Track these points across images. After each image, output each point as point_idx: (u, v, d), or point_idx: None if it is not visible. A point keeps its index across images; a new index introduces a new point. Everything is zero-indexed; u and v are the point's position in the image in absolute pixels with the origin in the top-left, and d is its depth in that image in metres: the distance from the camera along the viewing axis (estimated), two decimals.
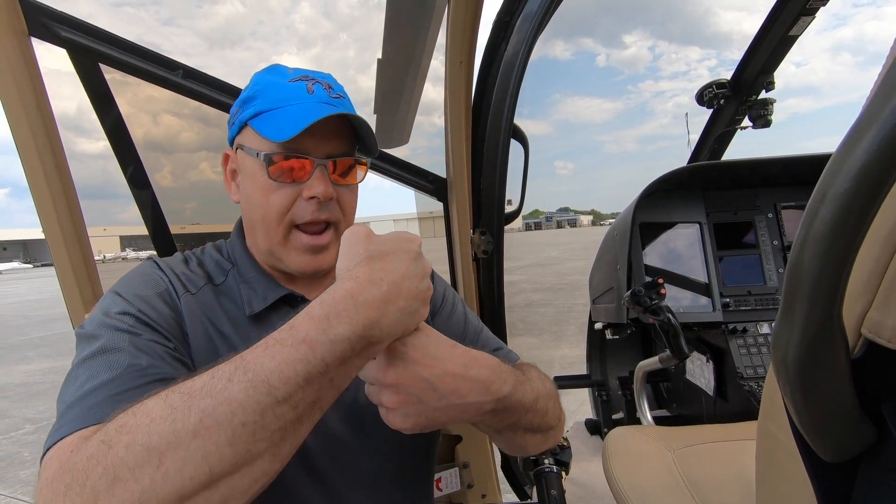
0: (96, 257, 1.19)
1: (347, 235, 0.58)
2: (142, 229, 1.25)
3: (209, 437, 0.42)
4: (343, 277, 0.52)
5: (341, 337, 0.47)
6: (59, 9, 0.98)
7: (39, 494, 0.43)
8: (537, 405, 0.69)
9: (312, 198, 0.72)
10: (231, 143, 0.80)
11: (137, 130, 1.18)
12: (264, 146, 0.73)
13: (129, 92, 1.17)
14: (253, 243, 0.80)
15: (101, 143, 1.15)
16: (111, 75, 1.09)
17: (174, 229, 1.30)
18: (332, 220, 0.75)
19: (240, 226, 0.84)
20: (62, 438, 0.48)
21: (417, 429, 0.57)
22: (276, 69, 0.78)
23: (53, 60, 1.08)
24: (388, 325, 0.51)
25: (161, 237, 1.24)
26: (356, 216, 0.81)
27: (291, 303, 0.78)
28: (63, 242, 1.07)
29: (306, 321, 0.48)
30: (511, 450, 0.78)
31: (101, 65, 1.06)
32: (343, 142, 0.75)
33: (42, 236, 1.07)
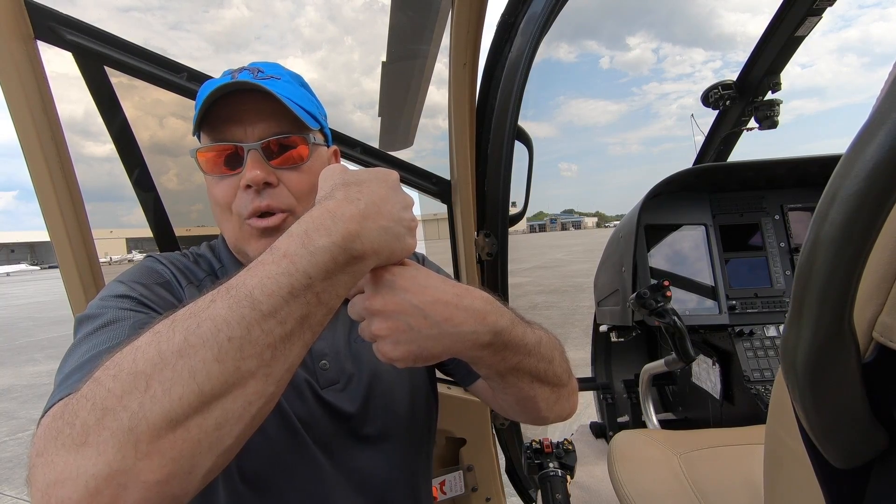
0: (102, 259, 1.19)
1: (324, 171, 0.58)
2: (147, 232, 1.25)
3: (195, 354, 0.41)
4: (320, 200, 0.52)
5: (321, 248, 0.46)
6: (66, 13, 0.99)
7: (33, 447, 0.41)
8: (541, 349, 0.66)
9: (248, 187, 0.70)
10: None
11: (143, 133, 1.19)
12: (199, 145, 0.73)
13: (136, 96, 1.17)
14: (230, 245, 0.79)
15: (107, 147, 1.16)
16: (117, 79, 1.10)
17: (180, 231, 1.30)
18: (277, 207, 0.72)
19: None
20: (59, 400, 0.46)
21: (410, 358, 0.55)
22: (225, 72, 0.77)
23: (62, 65, 1.09)
24: (370, 240, 0.50)
25: (166, 240, 1.25)
26: None
27: None
28: (68, 245, 1.07)
29: (286, 239, 0.48)
30: (522, 408, 0.72)
31: (106, 68, 1.06)
32: (276, 123, 0.72)
33: (49, 238, 1.08)
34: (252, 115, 0.71)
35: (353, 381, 0.77)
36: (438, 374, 0.93)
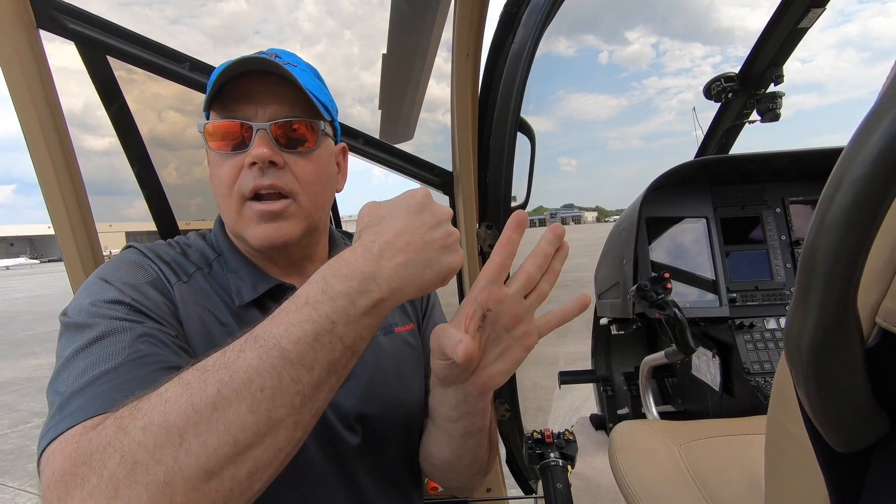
0: (104, 253, 1.19)
1: (359, 214, 0.58)
2: (147, 226, 1.25)
3: (229, 406, 0.42)
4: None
5: (340, 293, 0.48)
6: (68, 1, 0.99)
7: (48, 490, 0.40)
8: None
9: (253, 164, 0.69)
10: None
11: (143, 127, 1.18)
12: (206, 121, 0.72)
13: (136, 89, 1.17)
14: (228, 229, 0.78)
15: (106, 140, 1.16)
16: (118, 72, 1.09)
17: (180, 225, 1.30)
18: (280, 188, 0.71)
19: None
20: (66, 430, 0.45)
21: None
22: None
23: (61, 58, 1.08)
24: (387, 280, 0.50)
25: (170, 233, 1.25)
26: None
27: (282, 293, 0.74)
28: (72, 237, 1.07)
29: (306, 287, 0.49)
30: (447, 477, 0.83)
31: (109, 58, 1.06)
32: (289, 106, 0.71)
33: (48, 232, 1.08)
34: (265, 95, 0.70)
35: (352, 376, 0.76)
36: None
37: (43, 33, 0.98)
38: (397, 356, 0.82)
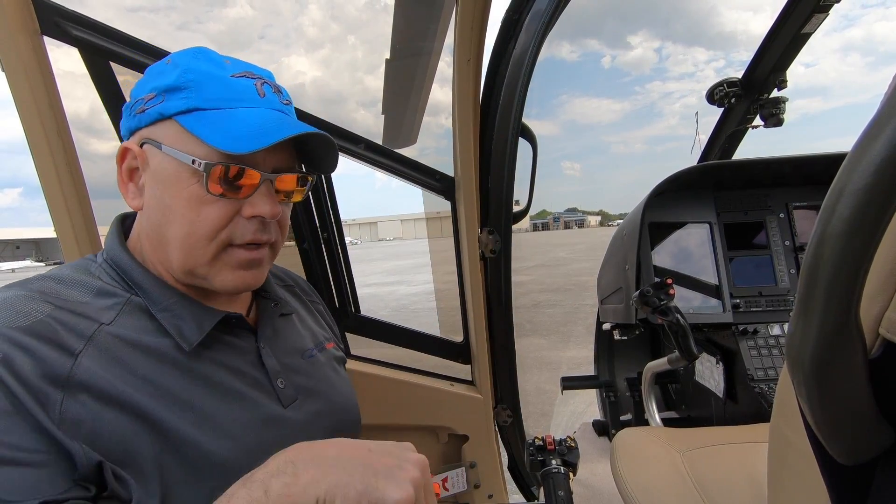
0: None
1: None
2: None
3: None
4: None
5: None
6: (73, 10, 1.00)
7: None
8: None
9: (254, 217, 0.63)
10: (130, 133, 0.66)
11: None
12: (201, 151, 0.60)
13: None
14: (159, 259, 0.66)
15: (112, 144, 1.17)
16: (123, 77, 1.10)
17: None
18: (269, 241, 0.67)
19: (119, 237, 0.69)
20: None
21: None
22: (208, 56, 0.65)
23: (67, 63, 1.09)
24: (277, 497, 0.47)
25: None
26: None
27: (230, 326, 0.69)
28: (74, 240, 1.08)
29: None
30: None
31: (112, 64, 1.06)
32: (290, 154, 0.67)
33: (54, 235, 1.08)
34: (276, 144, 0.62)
35: (311, 395, 0.75)
36: (437, 371, 0.93)
37: (47, 39, 0.99)
38: (336, 368, 0.85)
